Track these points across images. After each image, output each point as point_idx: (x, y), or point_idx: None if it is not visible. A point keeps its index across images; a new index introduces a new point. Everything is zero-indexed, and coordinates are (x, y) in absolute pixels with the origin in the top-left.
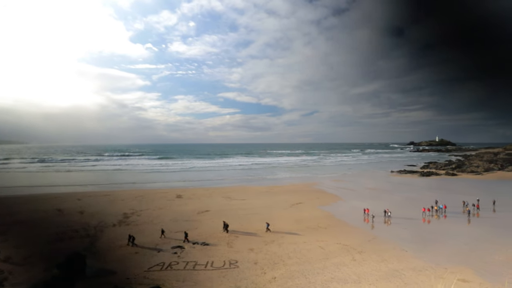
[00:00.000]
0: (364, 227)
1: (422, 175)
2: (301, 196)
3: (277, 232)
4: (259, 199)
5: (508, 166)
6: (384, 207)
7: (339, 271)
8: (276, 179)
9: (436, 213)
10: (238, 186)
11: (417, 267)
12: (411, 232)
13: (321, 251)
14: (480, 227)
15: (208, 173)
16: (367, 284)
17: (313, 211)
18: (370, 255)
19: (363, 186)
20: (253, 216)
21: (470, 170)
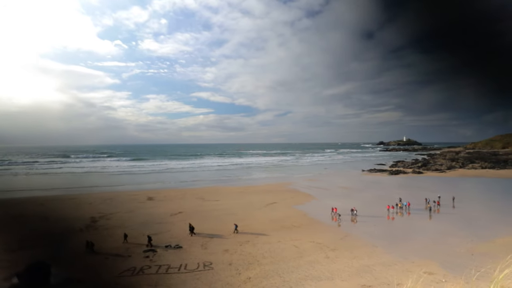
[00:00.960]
0: (339, 225)
1: (391, 174)
2: (276, 196)
3: (251, 232)
4: (234, 200)
5: (468, 164)
6: (356, 205)
7: (313, 269)
8: (251, 180)
9: (400, 210)
10: (212, 187)
11: (386, 262)
12: (381, 229)
13: (295, 249)
14: (443, 222)
15: (181, 174)
16: (340, 281)
17: (287, 210)
18: (343, 252)
19: (336, 185)
20: (227, 216)
21: (434, 168)
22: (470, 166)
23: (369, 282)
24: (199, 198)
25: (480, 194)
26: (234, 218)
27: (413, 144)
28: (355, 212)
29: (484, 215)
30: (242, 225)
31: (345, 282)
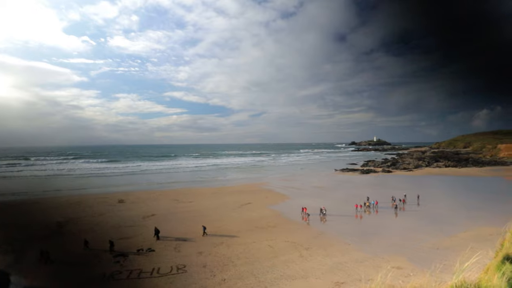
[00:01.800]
0: (311, 224)
1: (362, 173)
2: (251, 196)
3: (226, 234)
4: (208, 201)
5: (433, 163)
6: (328, 204)
7: (287, 268)
8: (226, 180)
9: (368, 208)
10: (186, 188)
11: (358, 258)
12: (353, 227)
13: (270, 249)
14: (410, 219)
15: (154, 176)
16: (314, 279)
17: (262, 210)
18: (316, 250)
19: (309, 184)
20: (201, 218)
21: (402, 167)
22: (435, 165)
23: (342, 279)
24: (172, 200)
25: (444, 192)
26: (208, 220)
27: (383, 144)
28: (324, 211)
29: (448, 211)
30: (216, 226)
31: (319, 280)
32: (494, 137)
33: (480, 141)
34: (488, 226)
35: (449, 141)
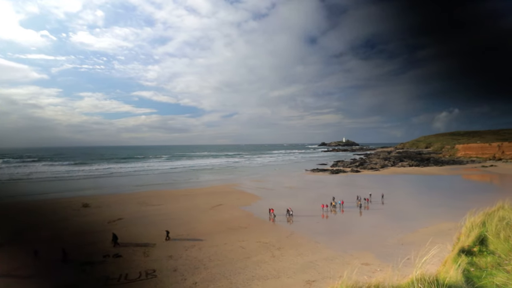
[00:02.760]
0: (282, 224)
1: (332, 173)
2: (222, 197)
3: (197, 236)
4: (178, 203)
5: (398, 163)
6: (299, 204)
7: (259, 268)
8: (197, 182)
9: (334, 208)
10: (155, 191)
11: (329, 256)
12: (323, 226)
13: (242, 250)
14: (376, 217)
15: (121, 178)
16: (286, 278)
17: (233, 211)
18: (288, 250)
19: (281, 185)
20: (171, 221)
21: (370, 167)
22: (400, 165)
23: (313, 277)
24: (140, 203)
25: (408, 190)
26: (178, 222)
27: (352, 144)
28: (290, 212)
29: (411, 208)
30: (187, 228)
31: (290, 279)
32: (452, 138)
33: (440, 141)
34: (447, 222)
35: (412, 142)
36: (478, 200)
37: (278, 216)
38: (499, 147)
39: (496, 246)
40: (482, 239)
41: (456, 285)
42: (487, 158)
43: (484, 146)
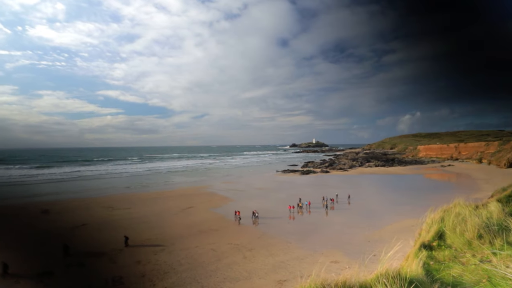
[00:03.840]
0: (253, 225)
1: (302, 174)
2: (193, 200)
3: (166, 239)
4: (147, 207)
5: (365, 163)
6: (270, 205)
7: (231, 270)
8: (166, 184)
9: (301, 209)
10: (123, 194)
11: (299, 256)
12: (294, 226)
13: (213, 253)
14: (345, 216)
15: (84, 182)
16: (257, 279)
17: (204, 214)
18: (259, 251)
19: (252, 186)
20: (139, 225)
21: (339, 167)
22: (367, 165)
23: (284, 277)
24: (107, 208)
25: (374, 189)
26: (147, 226)
27: (322, 146)
28: (256, 214)
29: (377, 206)
30: (157, 232)
31: (262, 279)
32: (414, 139)
33: (403, 143)
34: (410, 219)
35: (378, 143)
36: (438, 198)
37: (244, 219)
38: (456, 148)
39: (452, 240)
40: (441, 234)
41: (416, 278)
42: (446, 158)
43: (443, 147)
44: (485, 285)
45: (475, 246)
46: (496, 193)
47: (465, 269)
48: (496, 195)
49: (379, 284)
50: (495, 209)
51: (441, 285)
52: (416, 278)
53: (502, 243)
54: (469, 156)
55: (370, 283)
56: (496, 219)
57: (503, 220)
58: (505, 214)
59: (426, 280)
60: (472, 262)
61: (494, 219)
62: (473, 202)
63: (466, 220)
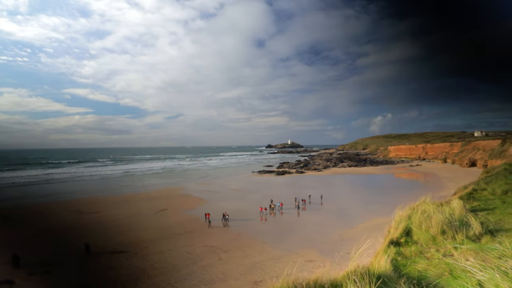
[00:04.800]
0: (230, 226)
1: (278, 174)
2: (167, 202)
3: (139, 243)
4: (119, 210)
5: (339, 163)
6: (245, 206)
7: (206, 273)
8: (140, 186)
9: (273, 210)
10: (93, 197)
11: (275, 256)
12: (269, 227)
13: (188, 256)
14: (319, 215)
15: (50, 185)
16: (233, 280)
17: (179, 216)
18: (235, 252)
19: (227, 187)
20: (110, 229)
21: (313, 168)
22: (341, 165)
23: (260, 278)
24: (74, 212)
25: (347, 189)
26: (119, 230)
27: (297, 146)
28: (226, 216)
29: (350, 206)
30: (129, 236)
31: (237, 281)
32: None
33: (375, 143)
34: (381, 217)
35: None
36: (407, 196)
37: (216, 221)
38: (423, 149)
39: (419, 236)
40: (408, 231)
41: (385, 274)
42: (414, 158)
43: (411, 147)
44: (447, 278)
45: (439, 241)
46: (458, 191)
47: (430, 263)
48: (458, 193)
49: (349, 281)
50: (457, 206)
51: (407, 279)
52: (384, 274)
53: (463, 238)
54: (435, 156)
55: (340, 281)
56: (458, 215)
57: (464, 216)
58: (466, 211)
59: (394, 275)
60: (436, 257)
61: (456, 215)
62: (438, 200)
63: (431, 217)
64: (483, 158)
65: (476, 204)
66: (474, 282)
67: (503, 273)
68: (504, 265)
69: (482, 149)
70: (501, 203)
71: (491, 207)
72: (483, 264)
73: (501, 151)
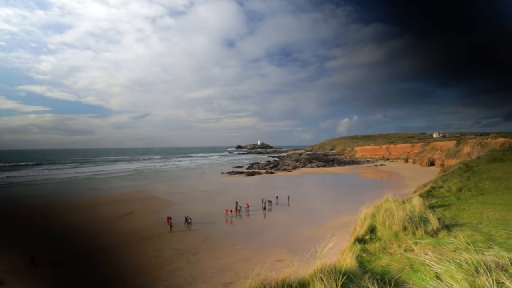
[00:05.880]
0: (199, 228)
1: (248, 175)
2: (133, 205)
3: (104, 249)
4: (81, 214)
5: (308, 164)
6: (215, 207)
7: (175, 277)
8: (103, 190)
9: (239, 212)
10: (51, 202)
11: (245, 257)
12: (239, 227)
13: (156, 260)
14: (289, 215)
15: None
16: (202, 283)
17: (146, 219)
18: (205, 254)
19: (197, 189)
20: (72, 235)
21: (283, 168)
22: (309, 166)
23: (230, 279)
24: (35, 217)
25: (316, 188)
26: (81, 236)
27: (267, 147)
28: (189, 220)
29: (319, 205)
30: (92, 242)
31: (207, 283)
32: (352, 141)
33: (342, 144)
34: (349, 215)
35: (319, 145)
36: (372, 195)
37: (179, 225)
38: (387, 149)
39: (382, 233)
40: (373, 228)
41: (350, 270)
42: (379, 158)
43: (376, 148)
44: (408, 272)
45: (401, 237)
46: (418, 189)
47: (392, 258)
48: (418, 191)
49: (316, 279)
50: (417, 203)
51: (371, 275)
52: (350, 271)
53: (422, 233)
54: (398, 156)
55: (308, 279)
56: (418, 212)
57: (424, 212)
58: (425, 208)
59: (359, 271)
60: (398, 252)
61: (416, 212)
62: (400, 197)
63: (393, 214)
64: (441, 158)
65: (434, 201)
66: (432, 275)
67: (458, 265)
68: (459, 257)
69: (440, 150)
70: (456, 199)
71: (447, 203)
72: (440, 257)
73: (456, 151)
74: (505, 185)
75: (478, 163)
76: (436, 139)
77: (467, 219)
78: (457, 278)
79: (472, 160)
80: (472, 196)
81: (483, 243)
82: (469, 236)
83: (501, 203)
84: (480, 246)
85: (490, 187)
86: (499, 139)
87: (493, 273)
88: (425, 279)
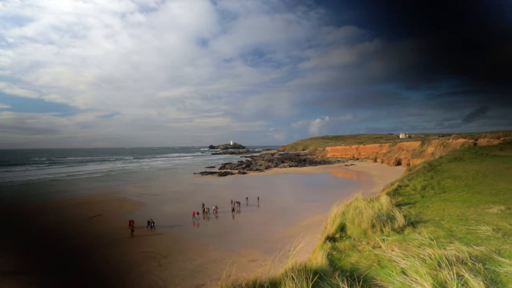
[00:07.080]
0: (170, 231)
1: (220, 175)
2: (101, 207)
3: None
4: (45, 218)
5: (280, 164)
6: (189, 207)
7: (144, 281)
8: (69, 192)
9: (207, 214)
10: (11, 205)
11: (218, 258)
12: (211, 229)
13: (124, 264)
14: (261, 215)
15: None
16: (173, 286)
17: (115, 221)
18: (176, 256)
19: (168, 190)
20: (36, 240)
21: (255, 168)
22: (282, 165)
23: (202, 281)
24: None
25: (288, 188)
26: (45, 241)
27: (239, 147)
28: (152, 224)
29: (291, 204)
30: (58, 246)
31: (178, 286)
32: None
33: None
34: (320, 214)
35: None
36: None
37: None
38: (357, 149)
39: (352, 231)
40: (343, 227)
41: (321, 269)
42: (349, 158)
43: (346, 148)
44: (376, 268)
45: (369, 234)
46: (386, 188)
47: (361, 256)
48: (386, 189)
49: (288, 278)
50: (385, 202)
51: (341, 272)
52: (321, 269)
53: (389, 230)
54: (367, 156)
55: (279, 279)
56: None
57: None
58: (393, 205)
59: (329, 269)
60: (366, 249)
61: (384, 210)
62: (369, 196)
63: (362, 212)
64: (407, 158)
65: (401, 199)
66: (399, 270)
67: (422, 260)
68: (423, 253)
69: (406, 150)
70: (421, 197)
71: (412, 201)
72: (406, 253)
73: (421, 151)
74: (464, 183)
75: (441, 163)
76: (402, 140)
77: (430, 216)
78: (421, 273)
79: (435, 159)
80: (435, 194)
81: (445, 238)
82: (432, 232)
83: (461, 200)
84: (442, 241)
85: (452, 185)
86: (460, 139)
87: (454, 267)
88: (392, 274)
